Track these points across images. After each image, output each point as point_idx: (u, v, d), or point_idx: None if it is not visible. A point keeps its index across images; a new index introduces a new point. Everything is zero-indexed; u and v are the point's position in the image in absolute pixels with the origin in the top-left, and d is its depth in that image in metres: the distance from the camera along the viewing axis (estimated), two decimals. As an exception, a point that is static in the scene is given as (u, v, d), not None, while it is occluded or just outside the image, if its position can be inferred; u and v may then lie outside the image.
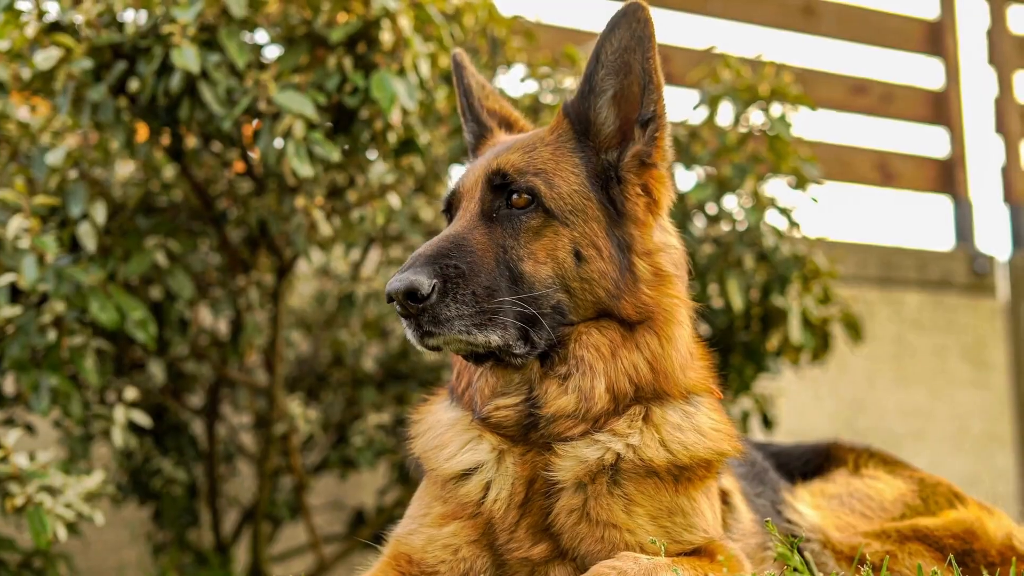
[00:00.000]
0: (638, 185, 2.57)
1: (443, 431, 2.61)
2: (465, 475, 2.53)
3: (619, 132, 2.59)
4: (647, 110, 2.55)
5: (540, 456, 2.46)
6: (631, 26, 2.49)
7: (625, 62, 2.52)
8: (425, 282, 2.36)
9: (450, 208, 2.67)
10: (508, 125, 2.92)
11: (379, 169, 3.83)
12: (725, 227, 4.47)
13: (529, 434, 2.48)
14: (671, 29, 7.30)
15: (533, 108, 4.33)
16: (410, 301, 2.36)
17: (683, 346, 2.54)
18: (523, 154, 2.56)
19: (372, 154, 3.80)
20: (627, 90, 2.55)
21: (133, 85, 3.50)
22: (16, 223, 3.40)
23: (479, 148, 2.87)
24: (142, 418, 3.81)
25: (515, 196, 2.51)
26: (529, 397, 2.49)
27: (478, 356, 2.47)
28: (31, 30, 3.51)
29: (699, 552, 2.44)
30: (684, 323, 2.56)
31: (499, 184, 2.52)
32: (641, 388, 2.48)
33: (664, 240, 2.61)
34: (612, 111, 2.58)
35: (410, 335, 2.43)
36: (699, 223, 4.51)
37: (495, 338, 2.40)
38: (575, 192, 2.52)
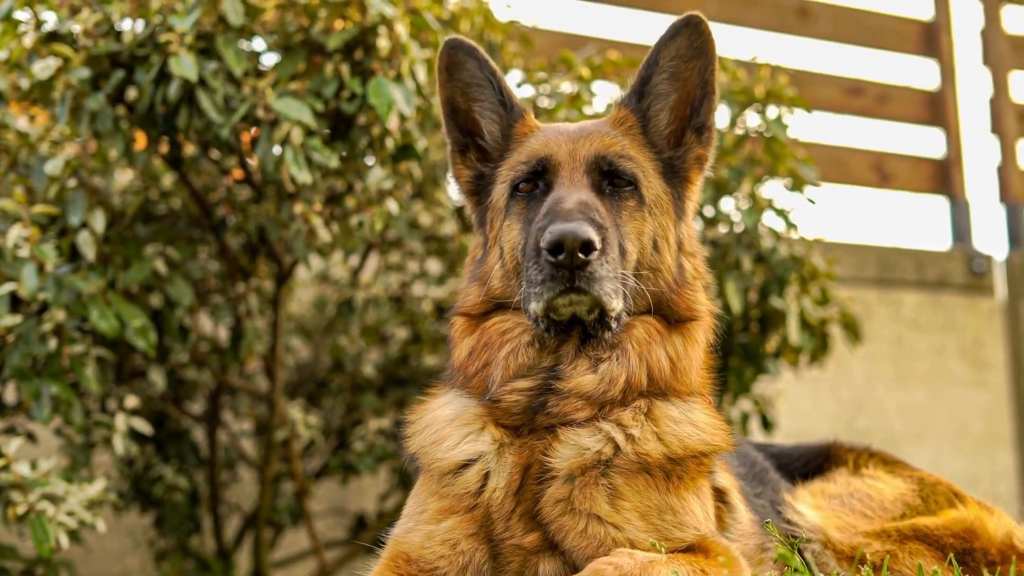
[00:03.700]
0: (692, 187, 2.69)
1: (442, 426, 2.61)
2: (464, 466, 2.52)
3: (673, 135, 2.69)
4: (705, 118, 2.68)
5: (540, 441, 2.47)
6: (690, 36, 2.62)
7: (681, 69, 2.64)
8: (595, 237, 2.32)
9: (538, 176, 2.62)
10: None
11: (377, 175, 3.84)
12: (722, 229, 4.49)
13: (536, 416, 2.47)
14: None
15: (530, 112, 4.34)
16: (580, 253, 2.31)
17: (702, 349, 2.61)
18: (614, 139, 2.62)
19: (370, 160, 3.81)
20: (686, 96, 2.67)
21: (131, 94, 3.51)
22: (16, 232, 3.41)
23: (515, 129, 2.78)
24: (143, 425, 3.82)
25: (618, 179, 2.56)
26: (553, 370, 2.49)
27: (573, 323, 2.43)
28: (29, 40, 3.52)
29: (693, 549, 2.44)
30: (710, 327, 2.63)
31: (606, 170, 2.56)
32: (654, 383, 2.51)
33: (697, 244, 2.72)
34: (668, 114, 2.69)
35: (543, 291, 2.35)
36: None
37: (620, 305, 2.41)
38: (658, 184, 2.62)
